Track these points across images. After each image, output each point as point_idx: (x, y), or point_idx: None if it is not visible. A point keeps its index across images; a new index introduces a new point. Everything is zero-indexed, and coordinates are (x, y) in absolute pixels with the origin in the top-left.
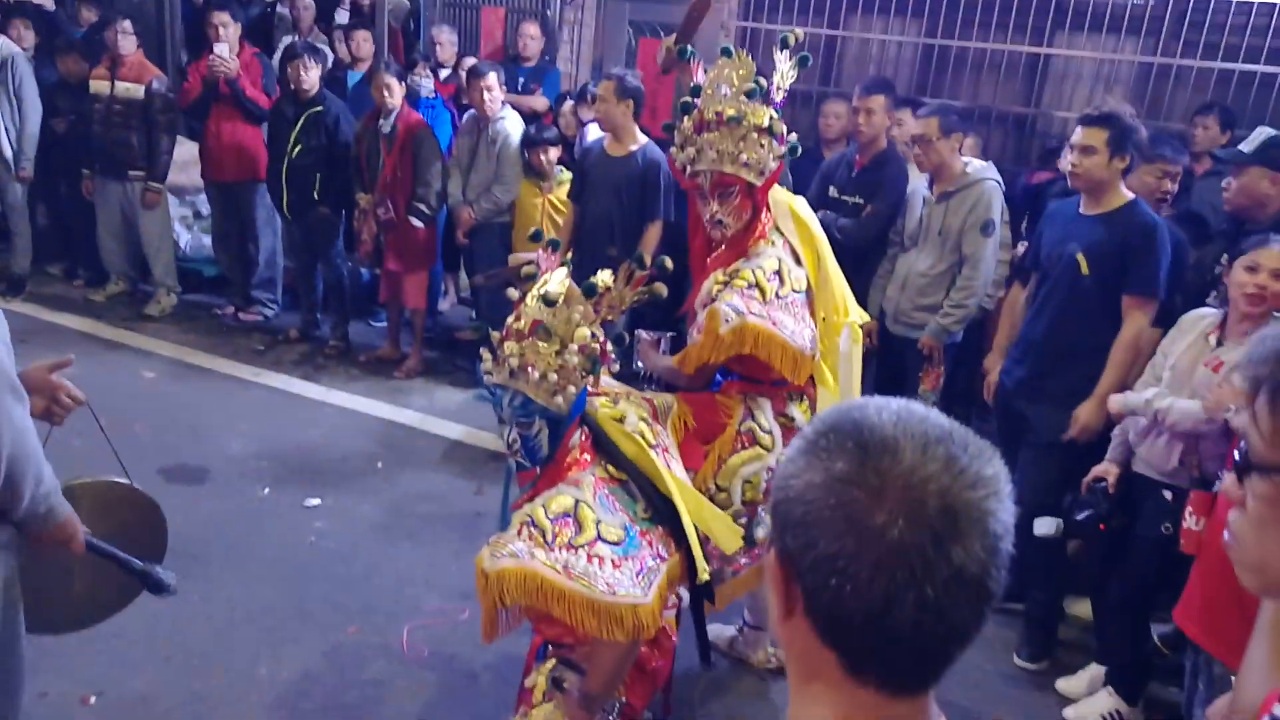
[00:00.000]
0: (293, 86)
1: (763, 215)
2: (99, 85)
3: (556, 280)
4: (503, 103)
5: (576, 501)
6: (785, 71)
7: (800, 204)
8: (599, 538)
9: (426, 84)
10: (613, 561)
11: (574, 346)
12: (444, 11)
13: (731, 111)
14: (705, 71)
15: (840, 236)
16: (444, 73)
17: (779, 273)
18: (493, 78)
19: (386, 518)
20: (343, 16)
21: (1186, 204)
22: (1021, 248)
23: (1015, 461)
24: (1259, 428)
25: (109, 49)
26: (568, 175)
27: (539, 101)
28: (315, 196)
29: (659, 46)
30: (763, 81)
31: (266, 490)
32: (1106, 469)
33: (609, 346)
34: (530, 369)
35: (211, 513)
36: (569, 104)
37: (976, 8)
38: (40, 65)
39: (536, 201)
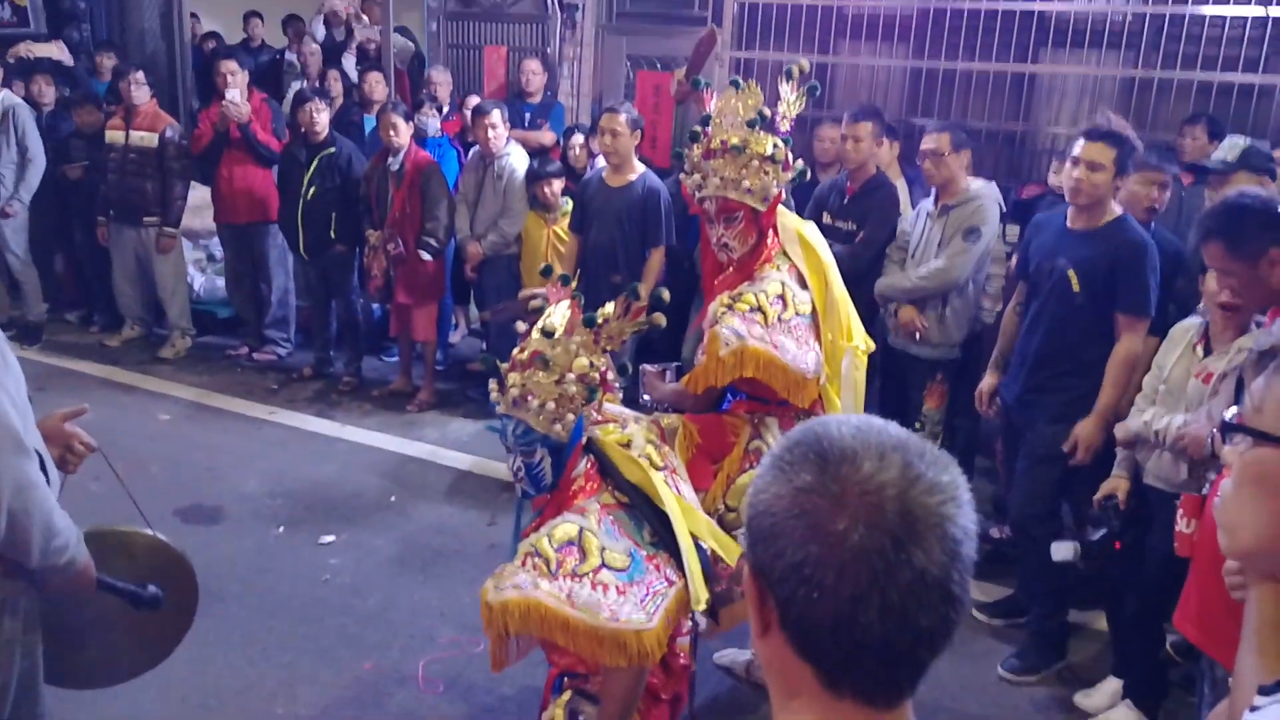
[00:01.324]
0: (304, 130)
1: (769, 239)
2: (114, 135)
3: (559, 313)
4: (507, 139)
5: (581, 529)
6: (791, 101)
7: (809, 229)
8: (603, 564)
9: (433, 124)
10: (617, 588)
11: (572, 376)
12: (447, 52)
13: (735, 140)
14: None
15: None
16: (443, 110)
17: (782, 296)
18: (496, 115)
19: (400, 551)
20: (349, 61)
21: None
22: (1014, 263)
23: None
24: (1253, 396)
25: (123, 99)
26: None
27: (546, 136)
28: (332, 235)
29: (670, 79)
30: (767, 111)
31: (281, 528)
32: (1115, 484)
33: (611, 375)
34: (530, 398)
35: (226, 552)
36: (579, 137)
37: (962, 30)
38: (61, 118)
39: (542, 233)
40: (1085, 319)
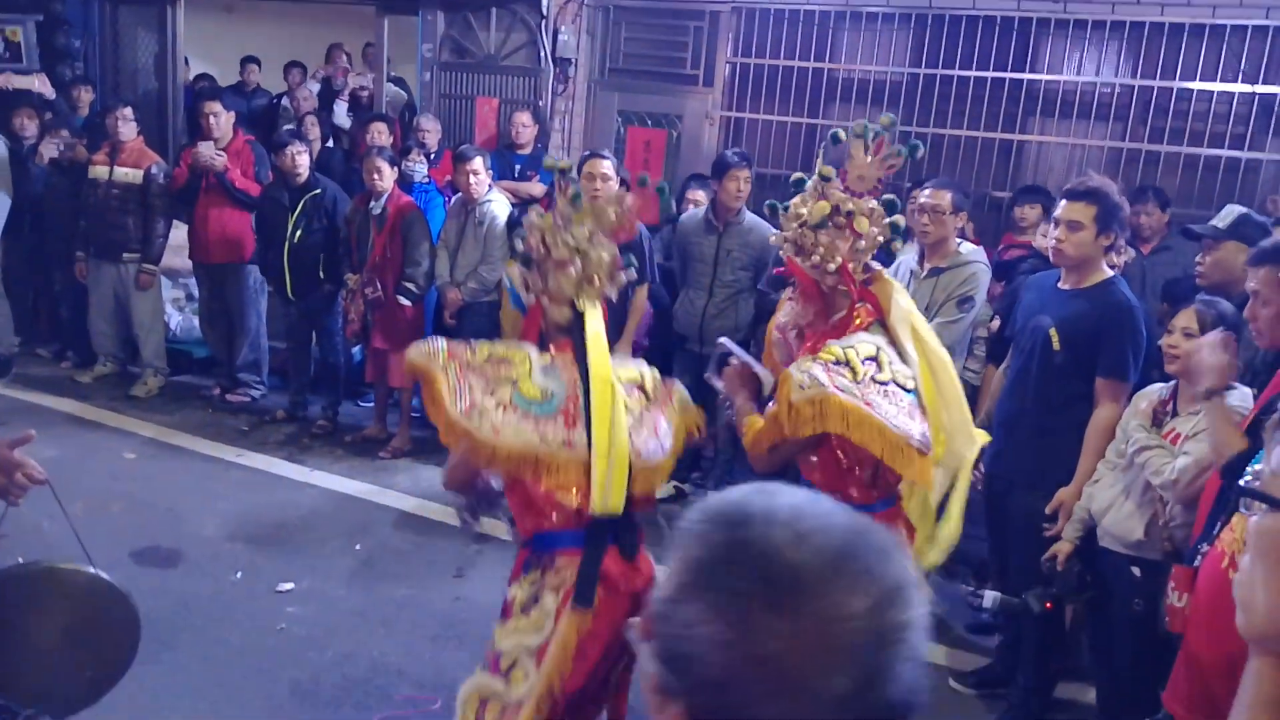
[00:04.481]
0: (285, 173)
1: (856, 308)
2: (98, 170)
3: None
4: (489, 186)
5: (523, 355)
6: (872, 161)
7: (921, 323)
8: (515, 385)
9: (420, 169)
10: (519, 410)
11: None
12: (439, 102)
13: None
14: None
15: None
16: (431, 156)
17: (876, 359)
18: (478, 161)
19: (362, 602)
20: (341, 108)
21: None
22: (995, 323)
23: (1005, 537)
24: (1271, 461)
25: (109, 135)
26: None
27: (536, 188)
28: (321, 276)
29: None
30: (830, 171)
31: (239, 574)
32: (1057, 547)
33: (559, 251)
34: None
35: (180, 596)
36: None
37: (950, 97)
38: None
39: None
40: (1064, 380)
